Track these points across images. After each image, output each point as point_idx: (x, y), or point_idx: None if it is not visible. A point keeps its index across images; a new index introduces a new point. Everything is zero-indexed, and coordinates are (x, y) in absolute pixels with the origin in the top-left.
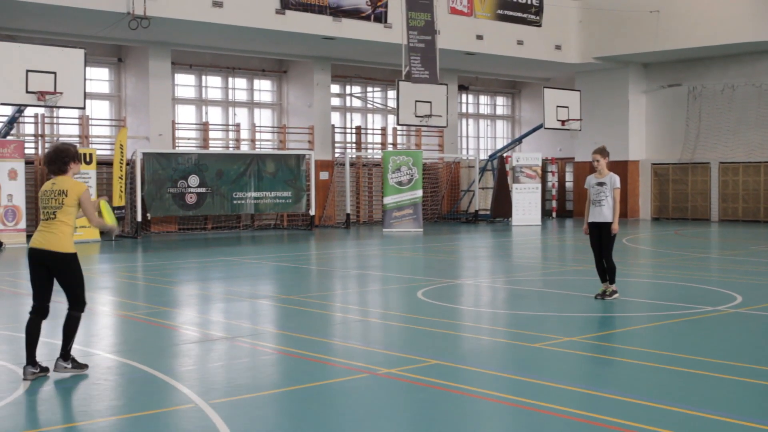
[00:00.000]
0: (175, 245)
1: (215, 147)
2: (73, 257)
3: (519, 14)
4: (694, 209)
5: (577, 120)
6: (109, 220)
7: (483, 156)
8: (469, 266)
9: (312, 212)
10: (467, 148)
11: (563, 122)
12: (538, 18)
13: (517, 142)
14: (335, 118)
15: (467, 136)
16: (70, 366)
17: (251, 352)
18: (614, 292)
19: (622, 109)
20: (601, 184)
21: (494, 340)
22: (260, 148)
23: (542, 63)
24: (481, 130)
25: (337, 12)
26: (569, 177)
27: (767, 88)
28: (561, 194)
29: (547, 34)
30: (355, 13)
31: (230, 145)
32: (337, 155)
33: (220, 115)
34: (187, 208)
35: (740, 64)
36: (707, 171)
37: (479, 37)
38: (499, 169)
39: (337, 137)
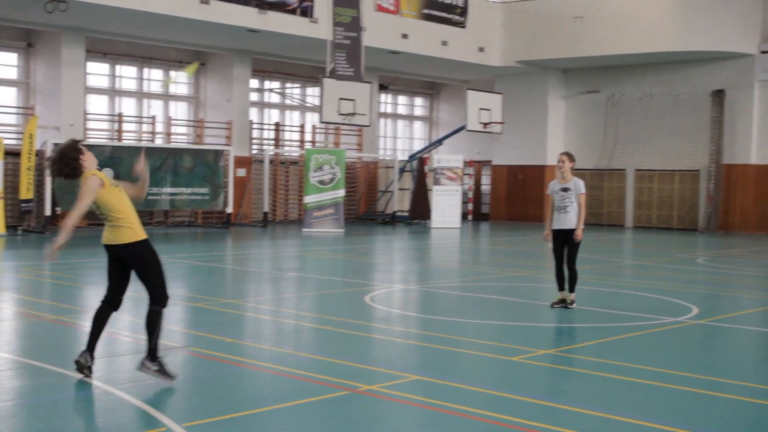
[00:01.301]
0: (84, 242)
1: (129, 139)
2: (139, 246)
3: (444, 14)
4: (609, 215)
5: (499, 123)
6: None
7: (401, 156)
8: (408, 270)
9: (229, 210)
10: (385, 149)
11: (485, 125)
12: (462, 19)
13: (438, 143)
14: (253, 114)
15: (385, 136)
16: (155, 368)
17: (211, 365)
18: (573, 301)
19: (541, 114)
20: (565, 189)
21: (468, 352)
22: (175, 142)
23: (464, 65)
24: (399, 131)
25: (263, 4)
26: (486, 180)
27: (684, 97)
28: (477, 197)
29: (471, 35)
30: (281, 6)
31: (144, 138)
32: (254, 152)
33: (134, 106)
34: None
35: (658, 73)
36: (623, 178)
37: (404, 36)
38: (419, 170)
39: (255, 133)
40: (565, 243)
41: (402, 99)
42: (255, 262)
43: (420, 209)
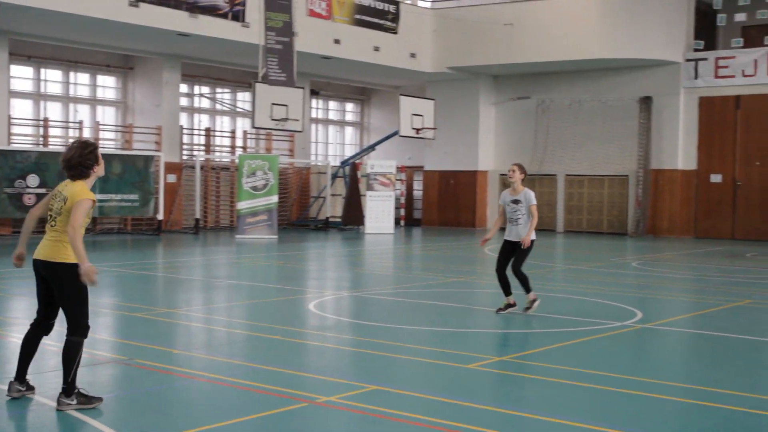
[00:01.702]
0: (7, 250)
1: (55, 145)
2: (70, 269)
3: (376, 20)
4: (541, 220)
5: (432, 129)
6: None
7: (333, 162)
8: (347, 276)
9: (160, 216)
10: (316, 154)
11: (418, 130)
12: (394, 25)
13: (370, 148)
14: (183, 119)
15: (317, 142)
16: (74, 402)
17: (159, 377)
18: (533, 300)
19: (472, 120)
20: (516, 201)
21: (424, 361)
22: (104, 147)
23: (396, 70)
24: (330, 136)
25: (194, 8)
26: (418, 186)
27: (612, 104)
28: (409, 203)
29: (403, 41)
30: (212, 10)
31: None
32: (185, 157)
33: (59, 111)
34: (25, 210)
35: (587, 80)
36: (554, 183)
37: (337, 42)
38: (351, 176)
39: (185, 139)
40: (512, 253)
41: (333, 104)
42: (191, 269)
43: (353, 215)
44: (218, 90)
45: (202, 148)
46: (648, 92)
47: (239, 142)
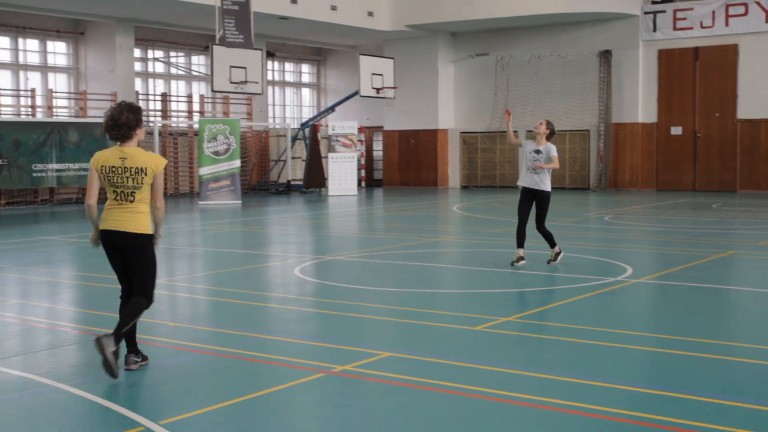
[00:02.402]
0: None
1: (7, 114)
2: (149, 239)
3: None
4: (503, 177)
5: (392, 88)
6: None
7: (292, 125)
8: (327, 239)
9: None
10: (274, 117)
11: (378, 90)
12: None
13: (330, 110)
14: (138, 84)
15: (274, 105)
16: (113, 348)
17: (167, 353)
18: (558, 254)
19: (431, 78)
20: (537, 151)
21: (433, 324)
22: (57, 116)
23: (353, 29)
24: (287, 99)
25: None
26: (378, 146)
27: (572, 59)
28: (369, 164)
29: (361, 0)
30: None
31: (23, 113)
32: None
33: (9, 79)
34: None
35: (546, 35)
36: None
37: (294, 1)
38: (312, 138)
39: (141, 105)
40: (534, 202)
41: (289, 66)
42: (162, 238)
43: (315, 178)
44: (173, 54)
45: (159, 113)
46: (607, 46)
47: (196, 107)
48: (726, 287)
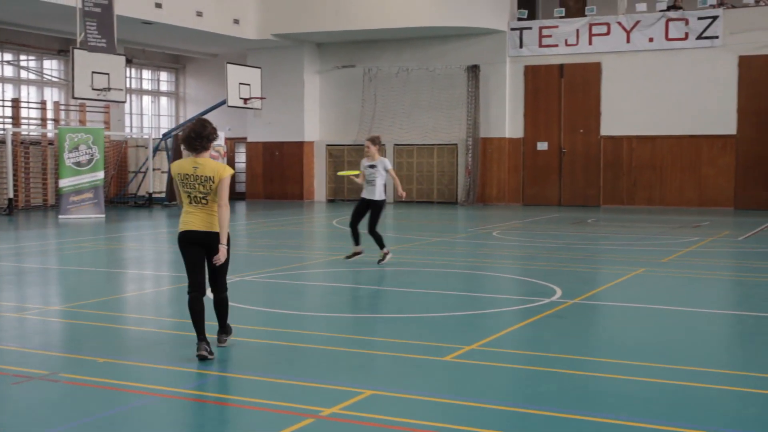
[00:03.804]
0: None
1: None
2: (228, 238)
3: None
4: None
5: (260, 98)
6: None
7: (151, 135)
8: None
9: None
10: (131, 126)
11: (246, 100)
12: None
13: (194, 120)
14: None
15: (131, 113)
16: (229, 336)
17: (107, 397)
18: (386, 254)
19: (297, 89)
20: (372, 166)
21: (401, 356)
22: None
23: (217, 37)
24: (144, 107)
25: None
26: (240, 158)
27: (440, 72)
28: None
29: (226, 6)
30: None
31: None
32: None
33: None
34: None
35: (414, 48)
36: (383, 152)
37: (158, 6)
38: (174, 149)
39: None
40: (367, 210)
41: (147, 74)
42: (34, 257)
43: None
44: (23, 57)
45: (10, 120)
46: (475, 61)
47: (50, 114)
48: (675, 308)
